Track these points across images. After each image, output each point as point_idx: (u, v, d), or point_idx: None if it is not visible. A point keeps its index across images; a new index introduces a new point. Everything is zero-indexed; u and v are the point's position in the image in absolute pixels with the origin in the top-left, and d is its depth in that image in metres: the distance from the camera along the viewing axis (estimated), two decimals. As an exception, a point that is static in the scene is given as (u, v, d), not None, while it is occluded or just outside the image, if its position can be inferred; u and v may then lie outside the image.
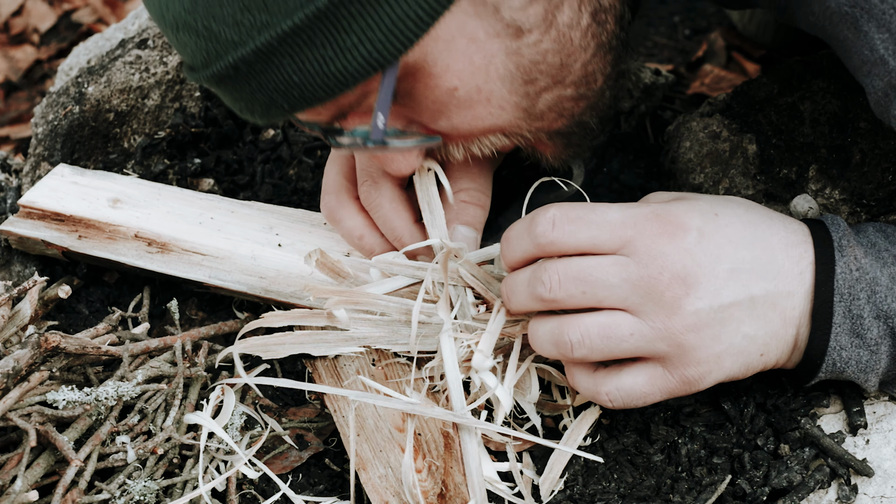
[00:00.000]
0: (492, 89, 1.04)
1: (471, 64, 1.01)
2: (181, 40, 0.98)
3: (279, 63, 0.95)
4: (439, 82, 1.02)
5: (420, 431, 1.14)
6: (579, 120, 1.13)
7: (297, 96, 0.98)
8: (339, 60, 0.95)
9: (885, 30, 1.00)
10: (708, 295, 1.01)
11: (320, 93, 0.98)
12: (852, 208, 1.27)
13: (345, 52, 0.95)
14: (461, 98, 1.04)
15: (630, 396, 1.05)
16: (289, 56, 0.95)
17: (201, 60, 0.99)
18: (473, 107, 1.05)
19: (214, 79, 0.99)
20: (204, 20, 0.95)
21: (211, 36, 0.95)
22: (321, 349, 1.20)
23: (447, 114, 1.06)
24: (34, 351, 1.10)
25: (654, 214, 1.03)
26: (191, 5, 0.95)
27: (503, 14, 1.00)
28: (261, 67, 0.96)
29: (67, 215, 1.38)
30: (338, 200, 1.26)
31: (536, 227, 1.05)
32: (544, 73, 1.05)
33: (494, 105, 1.06)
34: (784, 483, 1.08)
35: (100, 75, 1.57)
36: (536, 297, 1.05)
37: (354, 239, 1.25)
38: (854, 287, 1.03)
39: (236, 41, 0.95)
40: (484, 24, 1.00)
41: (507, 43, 1.01)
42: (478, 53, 1.01)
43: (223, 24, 0.94)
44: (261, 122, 1.04)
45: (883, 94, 1.04)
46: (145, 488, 1.11)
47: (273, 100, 0.99)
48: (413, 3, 0.93)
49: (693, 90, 1.89)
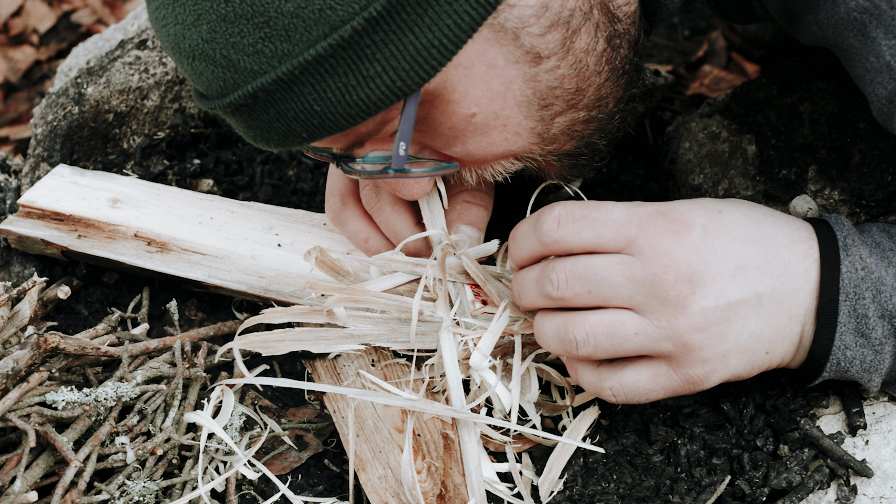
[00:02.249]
0: (508, 115, 1.04)
1: (489, 90, 1.01)
2: (196, 69, 0.97)
3: (300, 92, 0.94)
4: (457, 108, 1.02)
5: (420, 432, 1.14)
6: (589, 141, 1.13)
7: (318, 125, 0.97)
8: (363, 89, 0.94)
9: (892, 36, 1.00)
10: (714, 293, 1.01)
11: (342, 121, 0.96)
12: (851, 209, 1.27)
13: (368, 80, 0.93)
14: (478, 124, 1.04)
15: (633, 392, 1.05)
16: (310, 85, 0.94)
17: (217, 89, 0.97)
18: (489, 133, 1.05)
19: (231, 107, 0.98)
20: (223, 49, 0.93)
21: (230, 65, 0.94)
22: (321, 346, 1.20)
23: (462, 139, 1.06)
24: (33, 351, 1.10)
25: (659, 213, 1.03)
26: (209, 35, 0.93)
27: (523, 40, 0.99)
28: (281, 96, 0.95)
29: (67, 215, 1.38)
30: (342, 203, 1.26)
31: (542, 226, 1.05)
32: (560, 98, 1.05)
33: (510, 130, 1.06)
34: (783, 484, 1.07)
35: (99, 76, 1.57)
36: (545, 295, 1.05)
37: (360, 241, 1.26)
38: (859, 286, 1.03)
39: (256, 70, 0.93)
40: (503, 51, 0.99)
41: (526, 69, 1.01)
42: (496, 80, 1.01)
43: (243, 53, 0.93)
44: (275, 149, 1.02)
45: (887, 101, 1.04)
46: (144, 489, 1.11)
47: (291, 128, 0.98)
48: (438, 32, 0.92)
49: (692, 91, 1.89)
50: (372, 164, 1.07)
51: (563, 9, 1.00)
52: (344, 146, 1.05)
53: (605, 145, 1.15)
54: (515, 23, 0.98)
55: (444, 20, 0.92)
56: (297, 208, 1.41)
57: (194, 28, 0.94)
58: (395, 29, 0.91)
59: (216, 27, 0.92)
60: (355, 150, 1.06)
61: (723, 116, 1.40)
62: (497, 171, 1.12)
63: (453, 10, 0.92)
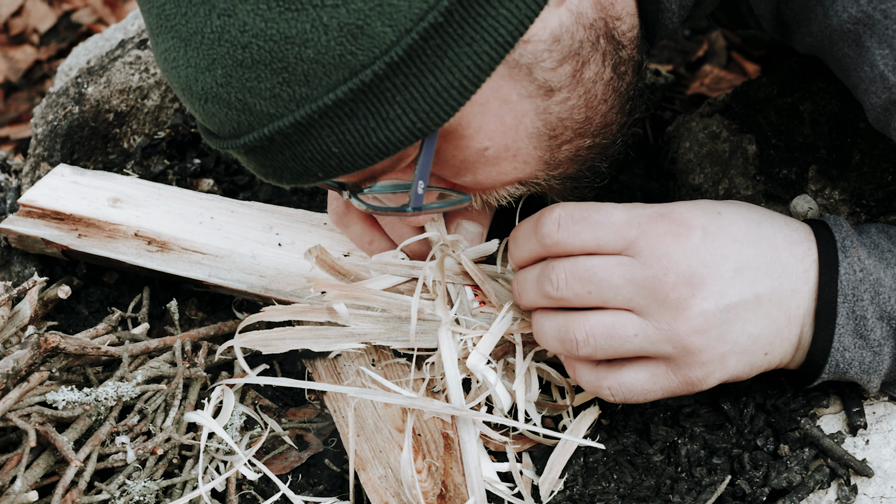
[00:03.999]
0: (519, 147, 1.04)
1: (502, 125, 1.01)
2: (209, 111, 0.95)
3: (318, 135, 0.93)
4: (471, 143, 1.02)
5: (420, 432, 1.14)
6: (591, 165, 1.14)
7: (335, 165, 0.96)
8: (382, 131, 0.93)
9: (886, 46, 1.00)
10: (713, 295, 1.01)
11: (360, 162, 0.95)
12: (852, 209, 1.27)
13: (387, 122, 0.92)
14: (489, 157, 1.04)
15: (631, 392, 1.05)
16: (329, 128, 0.92)
17: (230, 131, 0.96)
18: (500, 164, 1.05)
19: (244, 148, 0.96)
20: (238, 93, 0.92)
21: (245, 108, 0.93)
22: (321, 345, 1.20)
23: (473, 171, 1.06)
24: (34, 351, 1.10)
25: (659, 214, 1.04)
26: (224, 79, 0.91)
27: (536, 75, 1.00)
28: (298, 139, 0.94)
29: (67, 214, 1.38)
30: (346, 205, 1.26)
31: (542, 228, 1.05)
32: (569, 128, 1.06)
33: (520, 161, 1.06)
34: (784, 483, 1.07)
35: (99, 76, 1.57)
36: (545, 295, 1.06)
37: (364, 244, 1.26)
38: (858, 288, 1.03)
39: (273, 114, 0.92)
40: (517, 86, 0.99)
41: (538, 103, 1.02)
42: (509, 114, 1.01)
43: (259, 97, 0.91)
44: (287, 186, 1.02)
45: (882, 111, 1.04)
46: (145, 488, 1.11)
47: (307, 168, 0.97)
48: (458, 73, 0.91)
49: (693, 90, 1.89)
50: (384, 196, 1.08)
51: (573, 41, 1.01)
52: (356, 180, 1.05)
53: (606, 168, 1.16)
54: (529, 59, 0.98)
55: (465, 61, 0.91)
56: (298, 208, 1.41)
57: (208, 72, 0.92)
58: (416, 72, 0.90)
59: (232, 72, 0.91)
60: (365, 183, 1.06)
61: (723, 116, 1.40)
62: (502, 196, 1.13)
63: (473, 51, 0.91)
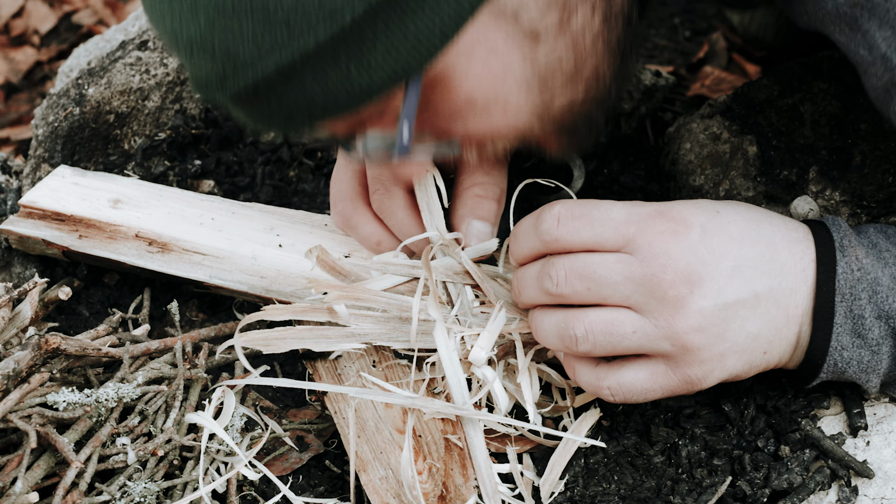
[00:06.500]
0: (508, 95, 1.04)
1: (489, 72, 1.02)
2: (195, 62, 0.97)
3: (301, 80, 0.94)
4: (458, 91, 1.02)
5: (420, 433, 1.14)
6: (587, 117, 1.14)
7: (320, 111, 0.97)
8: (364, 76, 0.94)
9: (887, 27, 1.00)
10: (712, 293, 1.01)
11: (343, 107, 0.97)
12: (852, 210, 1.27)
13: (369, 67, 0.94)
14: (478, 106, 1.04)
15: (631, 392, 1.05)
16: (311, 73, 0.94)
17: (217, 80, 0.97)
18: (490, 113, 1.05)
19: (231, 97, 0.98)
20: (221, 41, 0.93)
21: (228, 56, 0.94)
22: (322, 345, 1.20)
23: (463, 121, 1.06)
24: (34, 352, 1.10)
25: (658, 212, 1.04)
26: (207, 27, 0.93)
27: (522, 22, 1.00)
28: (282, 85, 0.95)
29: (68, 215, 1.38)
30: (353, 207, 1.26)
31: (542, 225, 1.06)
32: (558, 77, 1.06)
33: (510, 110, 1.06)
34: (784, 484, 1.08)
35: (100, 77, 1.57)
36: (544, 291, 1.06)
37: (372, 245, 1.26)
38: (855, 287, 1.03)
39: (255, 61, 0.93)
40: (503, 33, 1.00)
41: (525, 50, 1.02)
42: (496, 62, 1.01)
43: (241, 43, 0.93)
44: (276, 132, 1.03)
45: (883, 91, 1.04)
46: (146, 490, 1.11)
47: (293, 114, 0.98)
48: (437, 17, 0.92)
49: (693, 92, 1.89)
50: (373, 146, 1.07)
51: None
52: (345, 130, 1.06)
53: (602, 119, 1.16)
54: (514, 4, 0.99)
55: (444, 5, 0.92)
56: (299, 209, 1.41)
57: (192, 21, 0.94)
58: (396, 16, 0.91)
59: (214, 19, 0.92)
60: (356, 132, 1.07)
61: (724, 117, 1.40)
62: (498, 149, 1.13)
63: None
